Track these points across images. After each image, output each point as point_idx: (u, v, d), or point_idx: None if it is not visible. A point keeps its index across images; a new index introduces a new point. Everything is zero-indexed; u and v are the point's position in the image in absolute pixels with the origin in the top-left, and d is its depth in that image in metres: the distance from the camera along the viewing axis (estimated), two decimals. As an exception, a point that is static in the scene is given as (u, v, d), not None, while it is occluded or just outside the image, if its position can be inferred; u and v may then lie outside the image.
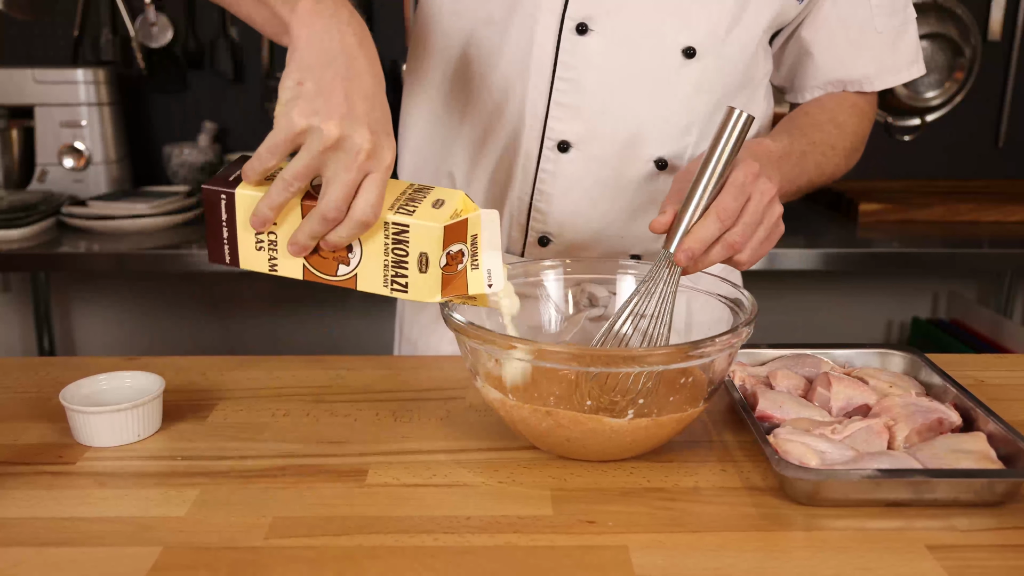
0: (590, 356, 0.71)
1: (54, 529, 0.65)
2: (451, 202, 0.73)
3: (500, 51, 0.95)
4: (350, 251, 0.72)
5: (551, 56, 0.92)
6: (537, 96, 0.94)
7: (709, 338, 0.70)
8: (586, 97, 0.93)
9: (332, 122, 0.67)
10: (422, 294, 0.73)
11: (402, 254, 0.71)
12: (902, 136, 2.29)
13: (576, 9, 0.91)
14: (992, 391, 0.91)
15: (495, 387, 0.75)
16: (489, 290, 0.74)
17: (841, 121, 1.01)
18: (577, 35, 0.91)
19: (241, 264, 0.74)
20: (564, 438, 0.73)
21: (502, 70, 0.95)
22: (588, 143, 0.95)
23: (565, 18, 0.91)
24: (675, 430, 0.74)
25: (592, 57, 0.92)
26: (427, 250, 0.71)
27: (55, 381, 0.90)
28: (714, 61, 0.93)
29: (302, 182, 0.70)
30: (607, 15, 0.91)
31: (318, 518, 0.67)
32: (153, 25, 2.17)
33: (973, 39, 2.21)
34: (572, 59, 0.92)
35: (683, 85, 0.93)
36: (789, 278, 2.35)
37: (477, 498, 0.70)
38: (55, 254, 1.78)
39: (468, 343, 0.74)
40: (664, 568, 0.61)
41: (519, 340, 0.70)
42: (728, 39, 0.93)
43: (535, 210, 0.99)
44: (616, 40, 0.91)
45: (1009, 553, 0.63)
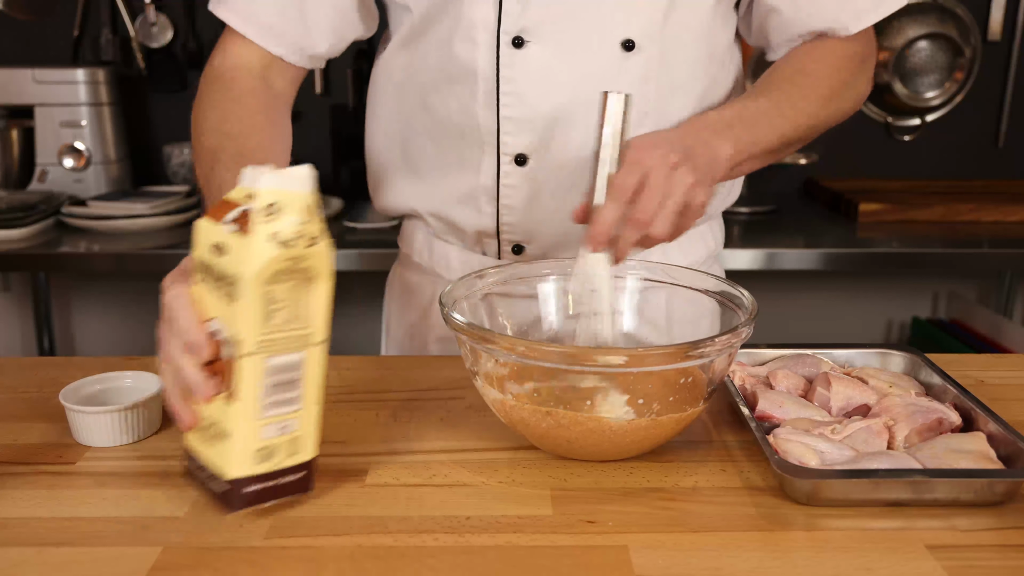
0: (582, 355, 0.71)
1: (54, 529, 0.65)
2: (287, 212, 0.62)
3: (448, 73, 0.95)
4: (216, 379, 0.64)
5: (493, 73, 0.92)
6: (487, 113, 0.94)
7: (709, 338, 0.70)
8: (532, 108, 0.93)
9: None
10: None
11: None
12: (902, 136, 2.29)
13: (510, 23, 0.91)
14: (992, 391, 0.91)
15: (495, 388, 0.75)
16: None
17: (810, 70, 0.96)
18: (514, 49, 0.91)
19: None
20: (564, 439, 0.73)
21: (455, 91, 0.96)
22: (543, 153, 0.94)
23: (500, 33, 0.91)
24: (675, 430, 0.74)
25: (531, 68, 0.91)
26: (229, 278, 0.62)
27: (55, 381, 0.90)
28: (658, 48, 0.92)
29: None
30: (542, 24, 0.90)
31: (318, 518, 0.67)
32: (153, 25, 2.17)
33: (973, 39, 2.21)
34: (512, 72, 0.92)
35: (628, 78, 0.92)
36: (789, 278, 2.35)
37: (477, 498, 0.70)
38: (55, 254, 1.78)
39: (468, 343, 0.74)
40: (664, 568, 0.61)
41: (517, 340, 0.70)
42: (669, 23, 0.92)
43: (503, 223, 0.99)
44: (553, 47, 0.91)
45: (1009, 553, 0.63)
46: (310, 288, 0.63)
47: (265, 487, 0.65)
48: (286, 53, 0.98)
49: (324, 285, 0.64)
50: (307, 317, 0.63)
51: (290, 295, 0.62)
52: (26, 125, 2.02)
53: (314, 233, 0.62)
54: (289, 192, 0.61)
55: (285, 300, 0.62)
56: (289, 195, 0.61)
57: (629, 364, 0.69)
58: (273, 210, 0.60)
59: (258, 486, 0.64)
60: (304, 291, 0.63)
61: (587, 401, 0.74)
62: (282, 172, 0.61)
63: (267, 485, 0.65)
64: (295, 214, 0.61)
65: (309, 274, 0.62)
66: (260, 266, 0.59)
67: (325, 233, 0.63)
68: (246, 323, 0.60)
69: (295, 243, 0.61)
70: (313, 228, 0.62)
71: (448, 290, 0.80)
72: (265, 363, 0.62)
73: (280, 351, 0.62)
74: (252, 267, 0.59)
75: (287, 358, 0.63)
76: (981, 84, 2.25)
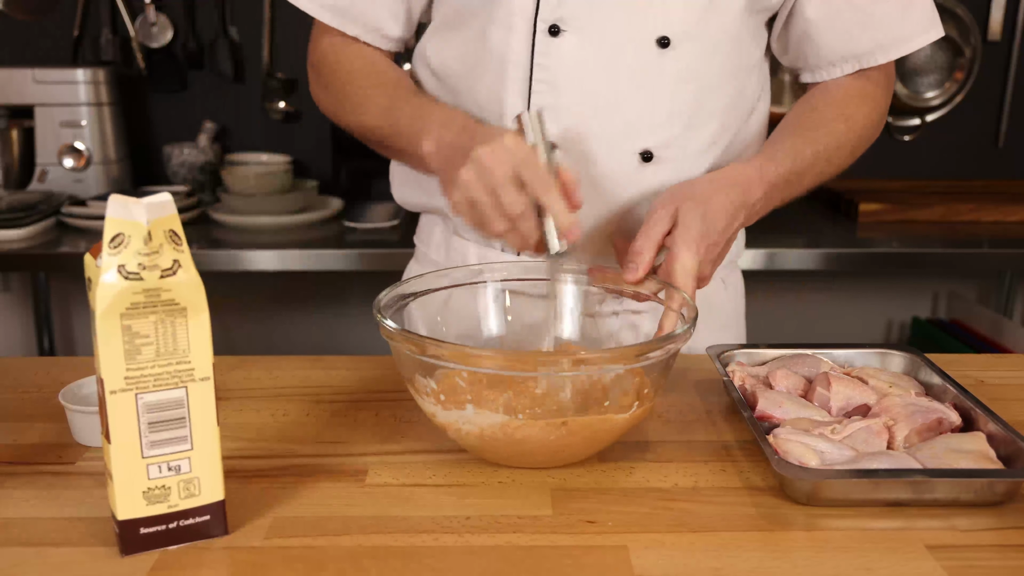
0: (513, 360, 0.72)
1: (54, 529, 0.65)
2: None
3: (481, 61, 0.96)
4: None
5: (527, 60, 0.93)
6: (517, 100, 0.94)
7: (648, 343, 0.70)
8: (564, 97, 0.93)
9: None
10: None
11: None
12: (902, 136, 2.29)
13: (547, 12, 0.91)
14: (992, 391, 0.91)
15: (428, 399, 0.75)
16: None
17: (850, 113, 0.99)
18: (550, 37, 0.91)
19: None
20: (504, 454, 0.73)
21: (485, 80, 0.96)
22: (571, 143, 0.95)
23: (537, 21, 0.91)
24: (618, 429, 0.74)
25: (566, 57, 0.92)
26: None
27: (55, 381, 0.90)
28: (692, 49, 0.93)
29: None
30: (578, 14, 0.91)
31: (318, 518, 0.67)
32: (153, 25, 2.17)
33: (973, 39, 2.21)
34: (547, 61, 0.92)
35: (661, 75, 0.93)
36: (789, 278, 2.35)
37: (477, 498, 0.70)
38: (55, 254, 1.78)
39: (403, 351, 0.72)
40: (664, 568, 0.61)
41: (448, 346, 0.69)
42: (704, 26, 0.92)
43: None
44: (589, 38, 0.91)
45: (1009, 553, 0.63)
46: (180, 322, 0.60)
47: (161, 530, 0.62)
48: (361, 33, 1.01)
49: (198, 318, 0.61)
50: (183, 352, 0.60)
51: (157, 329, 0.59)
52: (26, 125, 2.02)
53: (167, 264, 0.59)
54: (134, 222, 0.57)
55: (151, 335, 0.59)
56: (134, 225, 0.57)
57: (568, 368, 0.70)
58: (118, 241, 0.57)
59: (153, 528, 0.62)
60: (173, 325, 0.59)
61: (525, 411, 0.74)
62: (128, 200, 0.58)
63: (164, 528, 0.62)
64: (141, 244, 0.58)
65: (176, 306, 0.59)
66: (109, 300, 0.57)
67: (190, 263, 0.60)
68: (107, 360, 0.58)
69: (145, 275, 0.58)
70: (166, 258, 0.59)
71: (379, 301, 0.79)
72: (137, 400, 0.60)
73: (153, 388, 0.60)
74: (102, 302, 0.57)
75: (164, 395, 0.60)
76: (981, 84, 2.25)
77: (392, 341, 0.72)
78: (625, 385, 0.76)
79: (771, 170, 0.92)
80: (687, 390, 0.91)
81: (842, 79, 1.01)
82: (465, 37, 0.97)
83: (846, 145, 0.99)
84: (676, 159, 0.96)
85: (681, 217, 0.84)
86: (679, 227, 0.84)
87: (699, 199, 0.86)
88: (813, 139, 0.97)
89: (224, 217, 1.93)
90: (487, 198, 0.79)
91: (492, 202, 0.79)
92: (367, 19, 1.01)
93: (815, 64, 1.02)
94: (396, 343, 0.72)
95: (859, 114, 1.00)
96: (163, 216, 0.59)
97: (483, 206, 0.80)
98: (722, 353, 0.90)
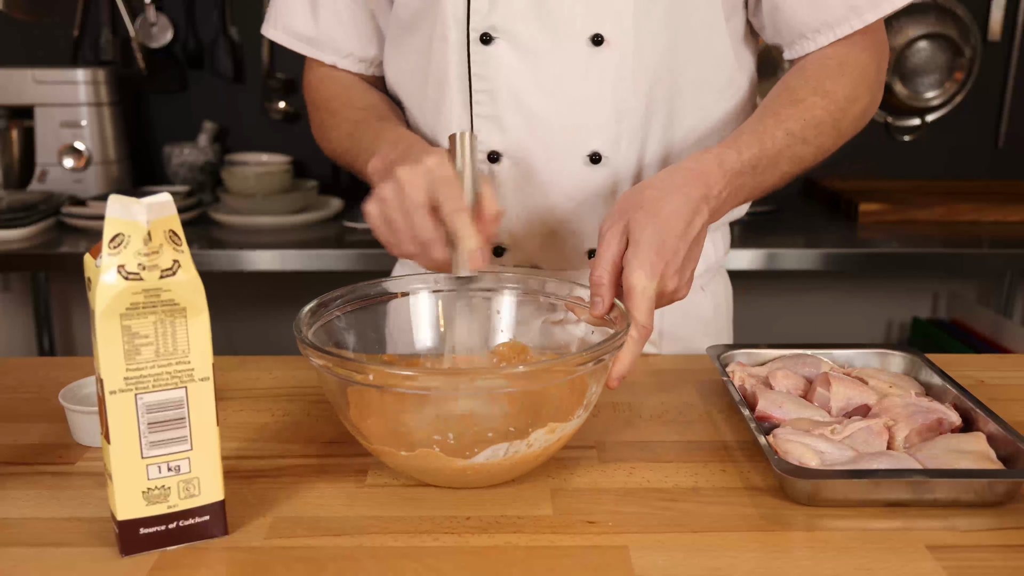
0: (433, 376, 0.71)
1: (54, 529, 0.65)
2: None
3: (426, 75, 0.96)
4: None
5: (465, 71, 0.93)
6: (460, 112, 0.94)
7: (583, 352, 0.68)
8: (504, 106, 0.92)
9: None
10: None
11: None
12: (902, 136, 2.29)
13: (478, 20, 0.90)
14: (992, 391, 0.91)
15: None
16: None
17: (828, 88, 0.90)
18: (483, 45, 0.91)
19: None
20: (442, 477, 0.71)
21: (430, 94, 0.96)
22: (516, 150, 0.94)
23: (470, 30, 0.91)
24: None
25: (501, 65, 0.91)
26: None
27: (55, 381, 0.90)
28: (632, 43, 0.90)
29: None
30: (508, 21, 0.90)
31: (318, 518, 0.67)
32: (153, 25, 2.17)
33: (973, 39, 2.21)
34: (483, 70, 0.92)
35: (599, 75, 0.90)
36: (789, 278, 2.35)
37: (477, 498, 0.70)
38: (55, 254, 1.78)
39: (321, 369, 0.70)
40: (664, 568, 0.61)
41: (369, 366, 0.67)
42: (644, 18, 0.89)
43: None
44: (521, 43, 0.90)
45: (1009, 553, 0.63)
46: (180, 322, 0.60)
47: (161, 530, 0.62)
48: (336, 60, 1.05)
49: (198, 318, 0.61)
50: (183, 352, 0.60)
51: (156, 329, 0.59)
52: (26, 125, 2.02)
53: (167, 264, 0.59)
54: (134, 222, 0.57)
55: (150, 335, 0.59)
56: (134, 225, 0.57)
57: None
58: (118, 241, 0.57)
59: (153, 528, 0.62)
60: (173, 325, 0.60)
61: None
62: (128, 200, 0.58)
63: (164, 528, 0.62)
64: (141, 244, 0.58)
65: (176, 306, 0.59)
66: (109, 300, 0.57)
67: (190, 264, 0.60)
68: (106, 360, 0.59)
69: (144, 275, 0.58)
70: (166, 259, 0.59)
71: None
72: (137, 401, 0.60)
73: (153, 388, 0.60)
74: (102, 302, 0.57)
75: (163, 395, 0.60)
76: (981, 84, 2.25)
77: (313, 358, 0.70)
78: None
79: (732, 157, 0.84)
80: (687, 390, 0.91)
81: (820, 52, 0.93)
82: (409, 52, 0.98)
83: (826, 121, 0.90)
84: (632, 158, 0.94)
85: (632, 233, 0.77)
86: (631, 246, 0.76)
87: (649, 208, 0.78)
88: (786, 117, 0.89)
89: (224, 217, 1.93)
90: (401, 219, 0.79)
91: (405, 224, 0.79)
92: (337, 45, 1.04)
93: (790, 38, 0.94)
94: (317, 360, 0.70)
95: (838, 87, 0.91)
96: (163, 216, 0.59)
97: (396, 225, 0.79)
98: (722, 353, 0.90)
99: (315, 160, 2.24)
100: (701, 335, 1.07)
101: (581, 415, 0.72)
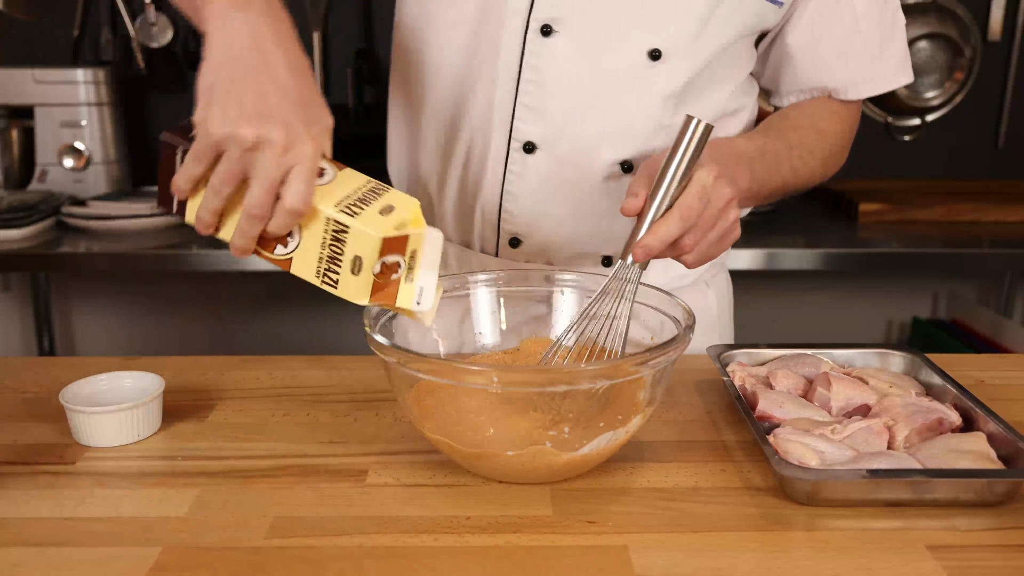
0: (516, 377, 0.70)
1: (54, 529, 0.65)
2: (400, 211, 0.72)
3: (469, 55, 0.95)
4: (289, 235, 0.72)
5: (517, 58, 0.93)
6: (504, 98, 0.94)
7: (652, 350, 0.69)
8: (551, 99, 0.93)
9: (245, 126, 0.67)
10: (350, 293, 0.72)
11: (338, 252, 0.70)
12: (902, 136, 2.29)
13: (541, 11, 0.91)
14: (992, 391, 0.91)
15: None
16: (417, 307, 0.72)
17: (822, 127, 1.00)
18: (542, 37, 0.91)
19: (186, 219, 0.76)
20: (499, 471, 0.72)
21: (471, 73, 0.96)
22: (553, 145, 0.94)
23: (531, 20, 0.91)
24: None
25: (557, 59, 0.92)
26: (362, 255, 0.70)
27: (55, 381, 0.90)
28: (682, 64, 0.92)
29: (230, 187, 0.70)
30: (572, 17, 0.90)
31: (318, 518, 0.67)
32: (153, 25, 2.17)
33: (973, 39, 2.21)
34: (537, 61, 0.92)
35: (649, 88, 0.92)
36: (789, 278, 2.35)
37: (477, 498, 0.70)
38: (55, 254, 1.77)
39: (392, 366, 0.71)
40: (664, 568, 0.61)
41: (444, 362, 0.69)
42: (697, 43, 0.92)
43: (505, 211, 0.99)
44: (581, 42, 0.91)
45: (1009, 553, 0.63)
46: None
47: None
48: None
49: None
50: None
51: None
52: (26, 125, 2.02)
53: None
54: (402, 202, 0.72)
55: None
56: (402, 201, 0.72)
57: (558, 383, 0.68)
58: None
59: None
60: None
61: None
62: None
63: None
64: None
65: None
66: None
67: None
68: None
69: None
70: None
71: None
72: None
73: None
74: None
75: None
76: (981, 84, 2.25)
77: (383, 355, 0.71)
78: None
79: (742, 142, 0.89)
80: (687, 390, 0.91)
81: (817, 98, 1.03)
82: (454, 20, 0.96)
83: (818, 152, 0.99)
84: None
85: (707, 155, 0.80)
86: (703, 162, 0.78)
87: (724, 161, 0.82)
88: (787, 135, 0.96)
89: (224, 217, 1.93)
90: (233, 174, 0.69)
91: (230, 182, 0.70)
92: None
93: (787, 90, 1.03)
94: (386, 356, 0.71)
95: (831, 129, 1.01)
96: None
97: (225, 175, 0.69)
98: (722, 353, 0.90)
99: (315, 160, 2.24)
100: (707, 331, 1.09)
101: (654, 400, 0.74)
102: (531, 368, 0.79)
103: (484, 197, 0.99)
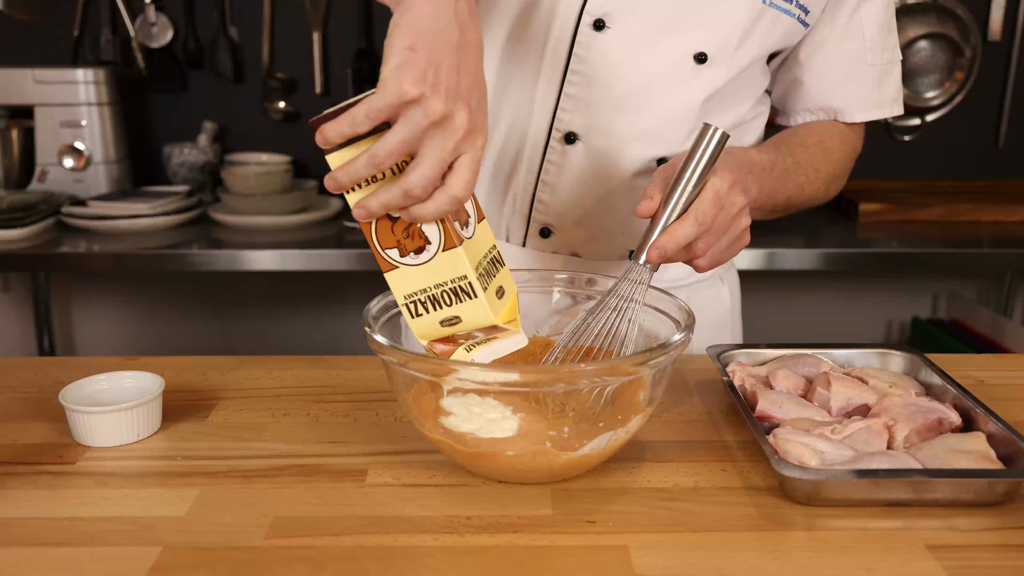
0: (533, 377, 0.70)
1: (54, 529, 0.65)
2: (507, 297, 0.75)
3: (512, 41, 0.96)
4: (420, 250, 0.69)
5: (566, 49, 0.94)
6: (548, 87, 0.95)
7: (657, 347, 0.70)
8: (596, 91, 0.94)
9: (439, 96, 0.64)
10: (418, 330, 0.72)
11: (445, 301, 0.70)
12: (902, 136, 2.29)
13: (595, 5, 0.92)
14: (992, 391, 0.91)
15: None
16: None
17: (829, 146, 1.02)
18: (594, 30, 0.92)
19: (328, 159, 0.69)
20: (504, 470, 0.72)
21: (512, 59, 0.97)
22: (594, 137, 0.95)
23: (583, 13, 0.92)
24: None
25: (606, 53, 0.93)
26: (464, 320, 0.70)
27: (55, 381, 0.90)
28: (723, 71, 0.94)
29: (394, 160, 0.65)
30: (625, 13, 0.92)
31: (318, 518, 0.67)
32: (153, 25, 2.17)
33: (973, 39, 2.21)
34: (587, 53, 0.93)
35: (692, 90, 0.94)
36: (789, 278, 2.35)
37: (477, 498, 0.70)
38: (55, 254, 1.78)
39: (394, 367, 0.71)
40: (664, 568, 0.61)
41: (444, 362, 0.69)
42: (737, 52, 0.94)
43: (538, 200, 1.00)
44: (631, 39, 0.92)
45: (1009, 553, 0.63)
46: None
47: None
48: None
49: None
50: None
51: None
52: (26, 125, 2.02)
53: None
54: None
55: None
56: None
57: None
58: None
59: None
60: None
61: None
62: None
63: None
64: None
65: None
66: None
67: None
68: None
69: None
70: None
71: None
72: None
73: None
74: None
75: None
76: (981, 84, 2.25)
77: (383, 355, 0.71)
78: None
79: (755, 153, 0.90)
80: (687, 390, 0.91)
81: (824, 120, 1.05)
82: (503, 20, 0.97)
83: (823, 171, 1.01)
84: None
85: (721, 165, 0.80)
86: (720, 170, 0.78)
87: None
88: (795, 151, 0.98)
89: (224, 217, 1.93)
90: (405, 145, 0.65)
91: (396, 155, 0.65)
92: None
93: (794, 109, 1.05)
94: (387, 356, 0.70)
95: (836, 150, 1.03)
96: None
97: (395, 146, 0.64)
98: (722, 353, 0.90)
99: (315, 160, 2.24)
100: (722, 324, 1.11)
101: (654, 400, 0.73)
102: (531, 368, 0.79)
103: (517, 186, 1.00)
